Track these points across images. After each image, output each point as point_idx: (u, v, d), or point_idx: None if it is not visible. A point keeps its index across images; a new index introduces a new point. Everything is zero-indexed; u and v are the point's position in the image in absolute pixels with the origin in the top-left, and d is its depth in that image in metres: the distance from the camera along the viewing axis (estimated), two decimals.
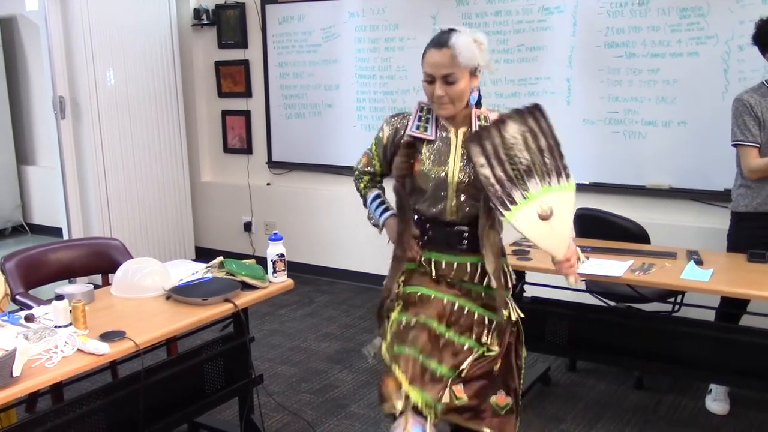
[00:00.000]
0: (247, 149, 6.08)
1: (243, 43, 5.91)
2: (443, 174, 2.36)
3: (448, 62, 2.25)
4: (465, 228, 2.39)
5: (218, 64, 6.06)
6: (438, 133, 2.40)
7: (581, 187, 4.57)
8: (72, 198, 5.37)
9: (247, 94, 5.99)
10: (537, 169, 2.25)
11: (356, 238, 5.55)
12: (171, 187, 5.96)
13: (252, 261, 3.16)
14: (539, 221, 2.22)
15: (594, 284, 3.85)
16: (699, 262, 3.26)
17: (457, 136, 2.38)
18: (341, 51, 5.48)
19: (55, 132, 5.28)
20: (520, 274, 3.57)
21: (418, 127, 2.41)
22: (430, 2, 5.02)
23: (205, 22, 5.97)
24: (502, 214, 2.21)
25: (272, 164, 5.97)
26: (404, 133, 2.43)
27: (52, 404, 2.85)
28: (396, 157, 2.46)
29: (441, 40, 2.28)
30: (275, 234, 3.11)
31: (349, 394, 3.83)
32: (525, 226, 2.22)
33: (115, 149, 5.49)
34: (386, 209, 2.56)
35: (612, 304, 3.92)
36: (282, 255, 3.07)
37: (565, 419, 3.53)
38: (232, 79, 6.02)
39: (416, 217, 2.45)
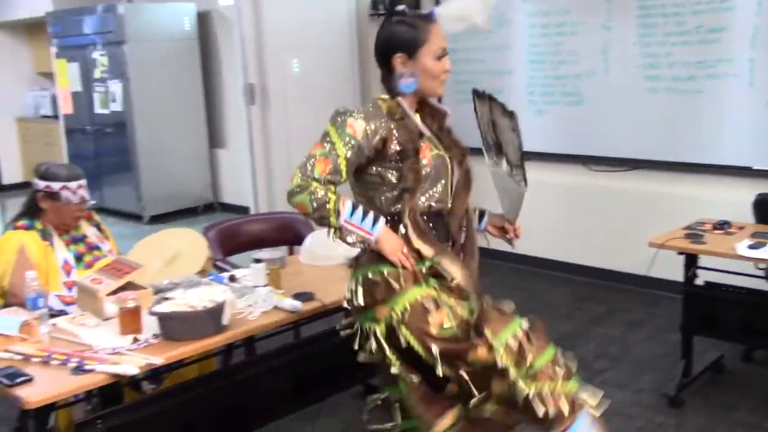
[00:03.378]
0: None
1: None
2: (443, 155, 2.35)
3: (445, 34, 2.27)
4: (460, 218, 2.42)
5: None
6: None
7: (763, 173, 4.45)
8: (260, 179, 5.82)
9: None
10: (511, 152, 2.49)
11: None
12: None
13: None
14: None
15: None
16: None
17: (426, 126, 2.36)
18: (512, 37, 5.55)
19: (244, 117, 5.74)
20: (692, 258, 3.53)
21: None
22: None
23: (382, 11, 6.24)
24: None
25: None
26: (390, 134, 2.22)
27: (245, 357, 3.18)
28: (402, 164, 2.25)
29: (430, 12, 2.28)
30: None
31: None
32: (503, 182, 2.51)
33: (299, 133, 5.87)
34: (376, 217, 2.24)
35: None
36: None
37: (738, 408, 3.46)
38: None
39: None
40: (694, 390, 3.60)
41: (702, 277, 3.70)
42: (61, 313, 2.88)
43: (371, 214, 2.21)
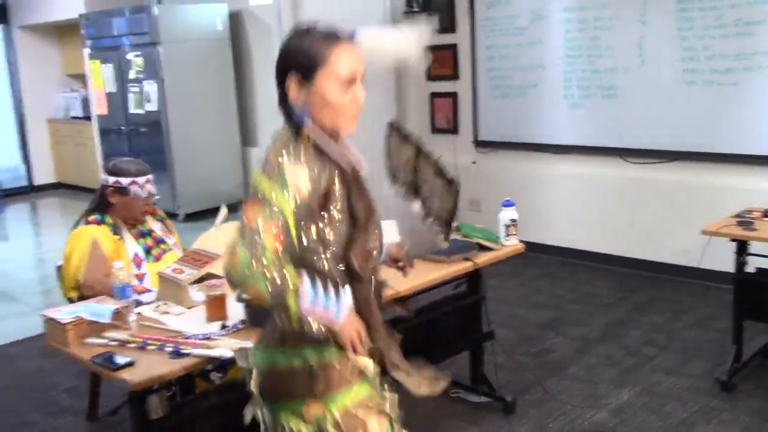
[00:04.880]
0: (454, 129, 6.39)
1: (451, 28, 6.21)
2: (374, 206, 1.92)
3: (361, 59, 1.82)
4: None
5: (428, 49, 6.38)
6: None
7: None
8: None
9: (455, 76, 6.30)
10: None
11: (559, 214, 5.73)
12: (380, 164, 6.39)
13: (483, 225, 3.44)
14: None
15: None
16: None
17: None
18: (548, 32, 5.63)
19: (276, 115, 5.83)
20: (743, 245, 3.61)
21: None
22: None
23: (416, 9, 6.33)
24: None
25: (478, 143, 6.24)
26: (334, 172, 1.80)
27: None
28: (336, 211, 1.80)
29: (346, 33, 1.82)
30: (508, 201, 3.37)
31: (566, 357, 4.04)
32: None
33: None
34: (337, 291, 1.77)
35: None
36: (514, 220, 3.32)
37: None
38: (441, 62, 6.34)
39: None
40: (746, 375, 3.68)
41: (751, 264, 3.78)
42: (138, 304, 2.98)
43: (331, 289, 1.74)
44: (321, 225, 1.78)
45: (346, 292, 1.78)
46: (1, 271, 6.54)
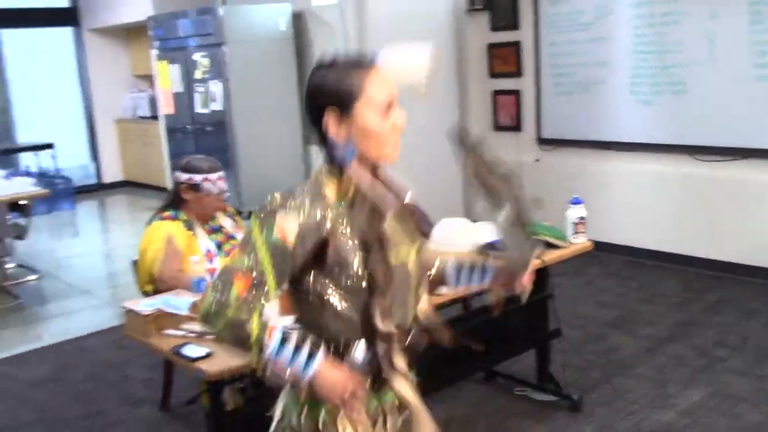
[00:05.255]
0: (517, 127, 6.36)
1: (514, 25, 6.18)
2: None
3: (393, 81, 1.74)
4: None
5: (491, 47, 6.39)
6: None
7: None
8: None
9: (518, 73, 6.26)
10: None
11: (624, 213, 5.65)
12: (441, 161, 6.39)
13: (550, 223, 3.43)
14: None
15: None
16: None
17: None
18: (614, 28, 5.56)
19: None
20: None
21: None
22: None
23: (479, 6, 6.31)
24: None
25: (541, 141, 6.19)
26: (336, 229, 1.65)
27: None
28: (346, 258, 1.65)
29: (370, 57, 1.76)
30: (576, 198, 3.35)
31: (633, 356, 3.99)
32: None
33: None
34: (313, 350, 1.62)
35: None
36: (583, 218, 3.30)
37: None
38: (503, 59, 6.32)
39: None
40: None
41: None
42: None
43: (306, 348, 1.61)
44: (317, 285, 1.67)
45: (319, 352, 1.62)
46: (73, 266, 6.77)
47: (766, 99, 4.80)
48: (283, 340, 1.60)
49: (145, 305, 2.64)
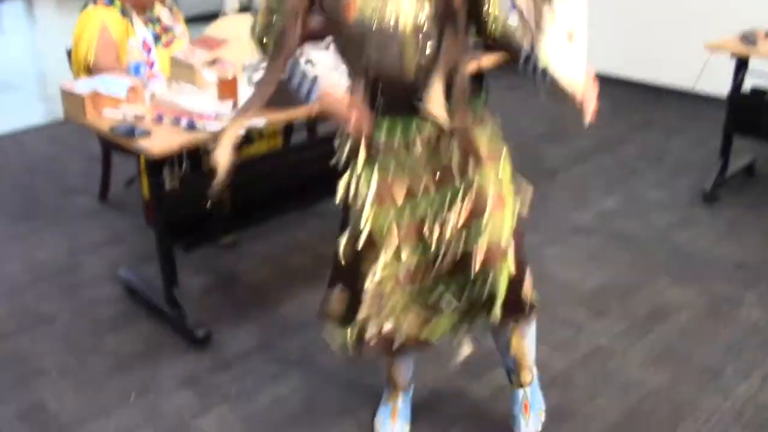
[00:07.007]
0: None
1: None
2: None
3: None
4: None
5: None
6: None
7: None
8: None
9: None
10: None
11: None
12: None
13: None
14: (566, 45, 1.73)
15: None
16: None
17: None
18: None
19: None
20: (743, 63, 3.65)
21: None
22: None
23: None
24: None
25: None
26: None
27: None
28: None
29: None
30: None
31: (559, 165, 4.18)
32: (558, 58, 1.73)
33: None
34: (315, 78, 1.87)
35: None
36: None
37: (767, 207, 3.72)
38: None
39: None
40: (729, 189, 3.85)
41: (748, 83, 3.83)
42: None
43: (310, 77, 1.86)
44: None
45: (319, 79, 1.85)
46: (0, 63, 6.53)
47: None
48: (294, 67, 1.85)
49: (83, 86, 2.62)
